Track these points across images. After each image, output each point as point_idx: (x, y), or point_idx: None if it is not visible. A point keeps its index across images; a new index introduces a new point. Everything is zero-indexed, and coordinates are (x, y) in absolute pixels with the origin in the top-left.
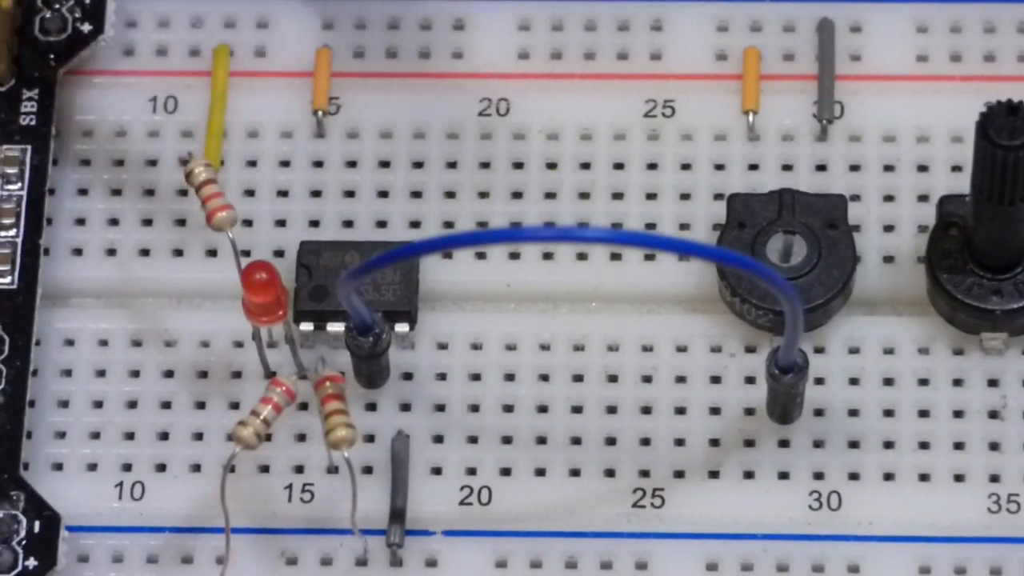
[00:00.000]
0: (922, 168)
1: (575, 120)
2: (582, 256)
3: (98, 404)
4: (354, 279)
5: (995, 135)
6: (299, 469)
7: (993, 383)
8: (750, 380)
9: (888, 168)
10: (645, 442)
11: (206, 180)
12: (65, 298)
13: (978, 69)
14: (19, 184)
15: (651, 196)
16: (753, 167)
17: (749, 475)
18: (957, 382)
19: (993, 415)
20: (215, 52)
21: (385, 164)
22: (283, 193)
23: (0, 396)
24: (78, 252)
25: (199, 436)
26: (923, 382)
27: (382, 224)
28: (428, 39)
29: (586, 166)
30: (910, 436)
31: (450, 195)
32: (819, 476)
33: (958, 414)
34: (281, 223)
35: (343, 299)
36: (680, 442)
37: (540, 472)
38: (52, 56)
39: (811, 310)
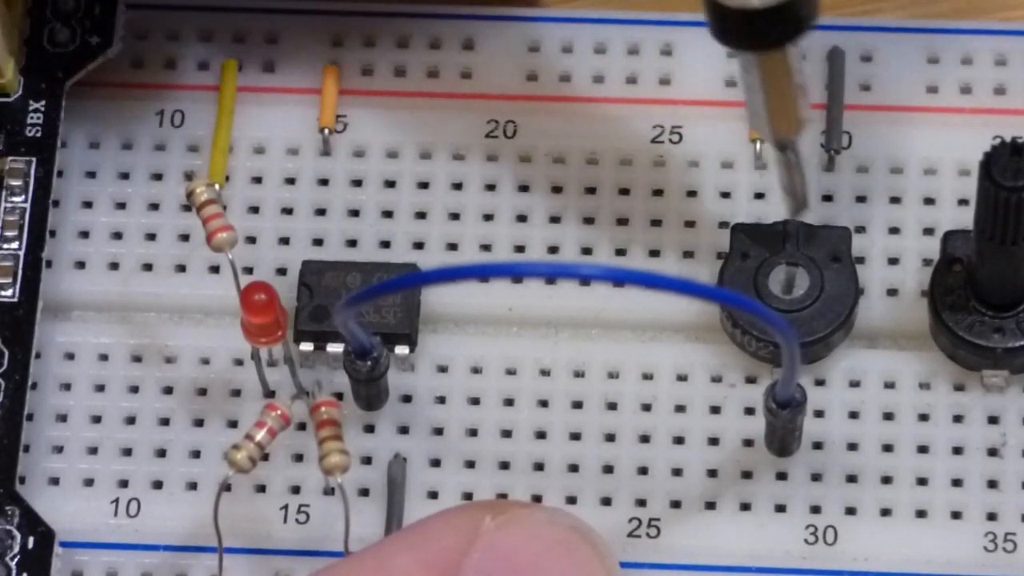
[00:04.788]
0: (928, 201)
1: (582, 144)
2: (584, 282)
3: (96, 419)
4: (352, 306)
5: (999, 176)
6: (295, 490)
7: (993, 420)
8: (749, 411)
9: (894, 200)
10: (643, 471)
11: (207, 200)
12: (66, 311)
13: (988, 102)
14: (23, 196)
15: (655, 223)
16: (759, 196)
17: (746, 507)
18: (957, 418)
19: (992, 453)
20: (223, 67)
21: (390, 184)
22: (287, 210)
23: None
24: (81, 265)
25: (196, 454)
26: (923, 417)
27: (386, 244)
28: (437, 59)
29: (591, 191)
30: (908, 471)
31: (455, 216)
32: (816, 510)
33: (957, 451)
34: (284, 241)
35: (341, 325)
36: (678, 472)
37: (537, 499)
38: (60, 68)
39: (812, 343)
